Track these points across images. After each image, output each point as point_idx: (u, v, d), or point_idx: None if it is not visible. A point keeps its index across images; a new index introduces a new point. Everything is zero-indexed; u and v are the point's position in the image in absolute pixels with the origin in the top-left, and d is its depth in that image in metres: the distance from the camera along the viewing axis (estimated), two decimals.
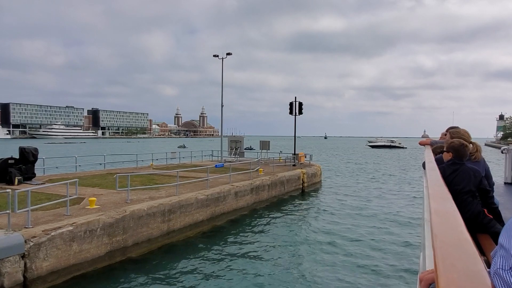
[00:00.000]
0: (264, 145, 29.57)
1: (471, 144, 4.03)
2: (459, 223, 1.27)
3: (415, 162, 54.83)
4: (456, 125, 4.92)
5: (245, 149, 54.60)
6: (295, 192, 22.25)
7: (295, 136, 26.61)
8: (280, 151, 29.97)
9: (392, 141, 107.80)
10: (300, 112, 26.22)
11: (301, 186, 23.09)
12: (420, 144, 6.00)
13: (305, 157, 26.11)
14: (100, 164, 23.03)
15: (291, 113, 26.20)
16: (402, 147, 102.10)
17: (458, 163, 3.61)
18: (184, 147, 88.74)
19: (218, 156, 30.10)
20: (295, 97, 26.09)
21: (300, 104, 26.18)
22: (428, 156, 4.34)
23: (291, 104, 26.18)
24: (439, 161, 3.87)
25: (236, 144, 30.53)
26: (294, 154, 25.87)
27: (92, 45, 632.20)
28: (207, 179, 15.24)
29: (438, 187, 2.23)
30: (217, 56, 29.11)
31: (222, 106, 29.39)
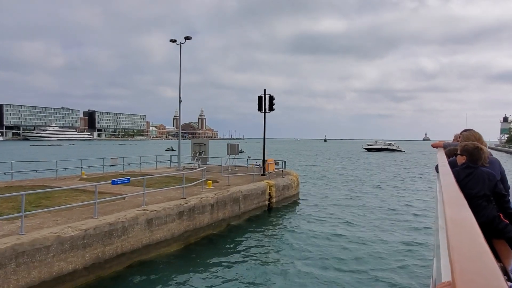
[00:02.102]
0: (232, 149, 24.41)
1: None
2: (477, 232, 1.21)
3: (415, 170, 49.64)
4: (471, 128, 4.51)
5: None
6: (258, 210, 17.10)
7: (264, 137, 21.28)
8: (248, 157, 24.76)
9: (389, 144, 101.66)
10: (271, 108, 21.02)
11: (267, 202, 17.94)
12: (433, 146, 5.76)
13: (277, 164, 20.95)
14: (5, 174, 17.91)
15: (259, 109, 20.95)
16: (400, 151, 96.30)
17: (473, 167, 3.49)
18: (172, 149, 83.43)
19: (176, 162, 25.03)
20: (265, 90, 20.80)
21: (271, 98, 20.95)
22: (441, 159, 4.18)
23: (259, 98, 20.94)
24: (452, 164, 3.71)
25: (200, 148, 25.46)
26: (264, 160, 20.68)
27: (92, 46, 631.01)
28: (95, 202, 10.04)
29: (453, 192, 2.13)
30: (175, 41, 24.08)
31: (180, 101, 24.28)
